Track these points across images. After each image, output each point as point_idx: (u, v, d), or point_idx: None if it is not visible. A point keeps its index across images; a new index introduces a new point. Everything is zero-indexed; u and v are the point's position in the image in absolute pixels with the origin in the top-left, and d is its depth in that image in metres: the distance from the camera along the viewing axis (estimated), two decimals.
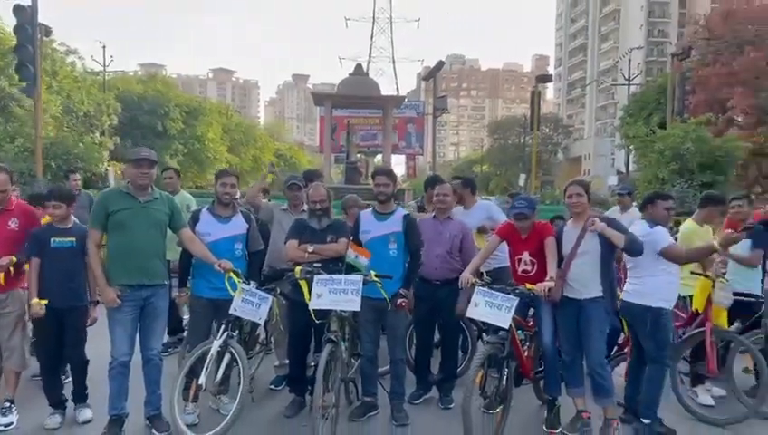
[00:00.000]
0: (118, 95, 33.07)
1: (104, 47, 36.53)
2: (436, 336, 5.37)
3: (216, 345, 4.22)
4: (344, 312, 4.34)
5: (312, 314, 4.26)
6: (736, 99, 26.79)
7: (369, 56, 76.70)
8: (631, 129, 21.90)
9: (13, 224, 4.43)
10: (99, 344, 4.55)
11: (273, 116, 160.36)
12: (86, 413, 4.57)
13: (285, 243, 4.78)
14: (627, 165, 35.95)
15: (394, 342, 4.76)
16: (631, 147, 19.32)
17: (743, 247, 5.24)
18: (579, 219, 4.48)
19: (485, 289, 4.25)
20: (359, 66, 20.25)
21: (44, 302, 4.28)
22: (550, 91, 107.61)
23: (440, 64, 25.81)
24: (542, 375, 4.79)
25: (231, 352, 4.26)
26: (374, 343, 4.76)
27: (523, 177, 46.98)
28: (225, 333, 4.27)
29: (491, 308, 4.17)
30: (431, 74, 24.59)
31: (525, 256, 4.59)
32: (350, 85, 18.34)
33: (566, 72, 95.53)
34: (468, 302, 4.34)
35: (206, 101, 46.15)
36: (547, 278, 4.26)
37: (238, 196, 4.83)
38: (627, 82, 37.37)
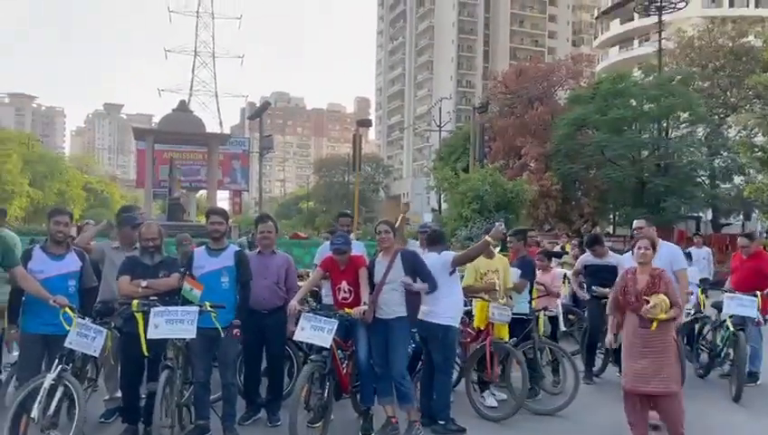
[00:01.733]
0: None
1: None
2: (264, 364, 5.89)
3: (49, 378, 4.36)
4: (179, 341, 4.71)
5: (144, 347, 4.57)
6: (528, 147, 30.67)
7: (191, 89, 74.90)
8: (440, 172, 24.24)
9: None
10: None
11: (80, 147, 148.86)
12: None
13: (117, 279, 5.04)
14: (439, 203, 39.10)
15: (225, 367, 5.21)
16: (443, 187, 21.33)
17: (514, 276, 6.49)
18: (387, 252, 5.34)
19: (311, 314, 4.91)
20: (182, 102, 20.11)
21: None
22: (372, 132, 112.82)
23: (266, 105, 26.46)
24: (358, 389, 5.51)
25: (65, 385, 4.41)
26: (207, 371, 5.15)
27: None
28: (59, 367, 4.43)
29: (315, 331, 4.84)
30: (257, 114, 25.09)
31: (344, 284, 5.33)
32: (173, 121, 18.14)
33: (386, 115, 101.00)
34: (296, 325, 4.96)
35: (4, 131, 42.00)
36: (362, 303, 5.03)
37: (72, 233, 5.00)
38: (438, 129, 40.84)
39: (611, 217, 31.54)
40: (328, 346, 4.84)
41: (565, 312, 8.25)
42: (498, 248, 6.93)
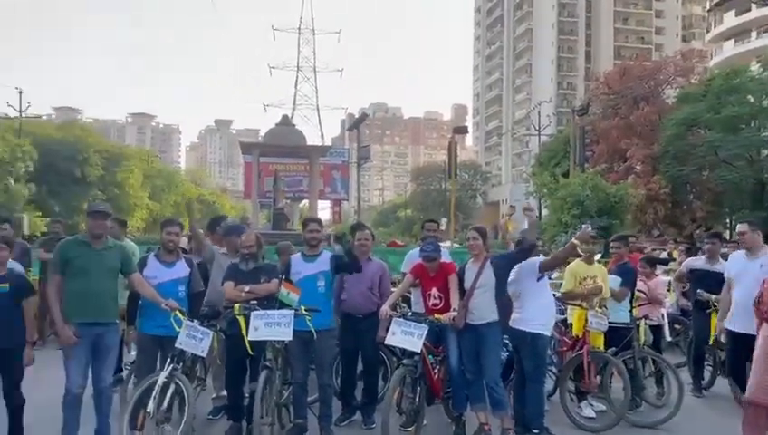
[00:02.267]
0: (34, 141, 32.31)
1: (21, 93, 35.68)
2: (360, 368, 6.07)
3: (162, 376, 4.73)
4: (277, 342, 4.97)
5: (249, 347, 4.87)
6: (633, 149, 29.37)
7: (294, 103, 77.79)
8: (539, 177, 23.74)
9: None
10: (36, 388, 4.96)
11: (194, 161, 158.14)
12: None
13: (222, 284, 5.39)
14: (540, 210, 38.27)
15: (321, 369, 5.42)
16: (542, 193, 20.90)
17: (614, 284, 6.28)
18: (477, 259, 5.35)
19: (401, 319, 5.02)
20: (285, 117, 21.00)
21: None
22: (469, 138, 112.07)
23: (363, 116, 27.10)
24: (450, 395, 5.55)
25: (176, 383, 4.78)
26: (304, 372, 5.39)
27: (444, 221, 48.84)
28: (171, 366, 4.80)
29: (405, 335, 4.93)
30: (355, 125, 25.74)
31: (434, 291, 5.40)
32: (277, 135, 18.99)
33: (483, 121, 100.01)
34: (387, 331, 5.09)
35: (127, 148, 45.53)
36: (452, 309, 5.07)
37: (182, 243, 5.42)
38: (537, 133, 39.97)
39: (727, 221, 29.48)
40: (418, 351, 4.92)
41: (671, 321, 7.88)
42: (600, 255, 6.75)
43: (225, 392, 5.65)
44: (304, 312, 4.95)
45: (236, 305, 4.95)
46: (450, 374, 5.39)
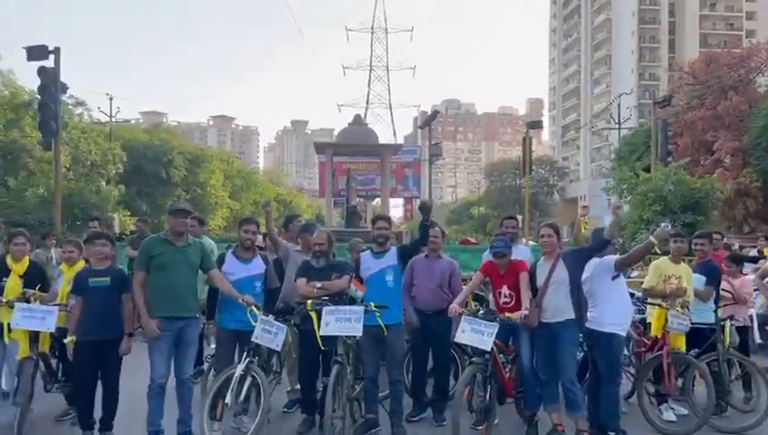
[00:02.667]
0: (123, 144, 34.07)
1: (111, 99, 37.76)
2: (430, 364, 6.08)
3: (239, 369, 4.93)
4: (348, 338, 5.07)
5: (320, 342, 4.99)
6: (721, 142, 27.86)
7: (367, 103, 78.73)
8: (619, 172, 22.88)
9: None
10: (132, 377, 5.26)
11: (272, 161, 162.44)
12: None
13: (295, 281, 5.54)
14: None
15: (392, 364, 5.49)
16: (622, 188, 20.16)
17: (698, 283, 6.00)
18: (549, 256, 5.25)
19: (471, 317, 5.00)
20: (358, 116, 21.33)
21: (72, 338, 4.92)
22: (545, 133, 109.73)
23: (435, 114, 26.98)
24: (522, 394, 5.47)
25: (252, 375, 4.96)
26: (375, 366, 5.47)
27: (519, 218, 47.91)
28: (248, 359, 4.99)
29: (475, 333, 4.91)
30: (426, 123, 25.70)
31: (504, 289, 5.34)
32: (350, 134, 19.31)
33: (560, 115, 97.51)
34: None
35: (208, 149, 47.28)
36: (523, 308, 5.01)
37: (258, 241, 5.61)
38: (617, 126, 38.58)
39: None
40: (488, 350, 4.89)
41: (761, 322, 7.45)
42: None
43: (298, 386, 5.81)
44: (374, 308, 5.02)
45: (309, 301, 5.07)
46: (522, 374, 5.32)
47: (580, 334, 5.30)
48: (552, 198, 67.10)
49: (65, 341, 5.02)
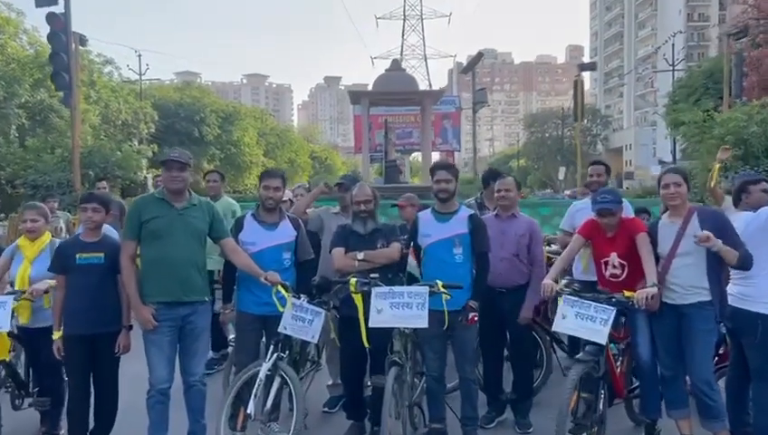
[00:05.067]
0: (154, 103, 33.22)
1: (140, 56, 36.83)
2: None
3: (264, 369, 3.74)
4: (407, 329, 3.80)
5: (365, 338, 3.74)
6: None
7: (402, 54, 76.11)
8: (684, 115, 20.74)
9: None
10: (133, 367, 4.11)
11: (306, 119, 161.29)
12: None
13: (330, 251, 4.27)
14: (673, 154, 34.57)
15: (463, 359, 4.17)
16: (680, 134, 18.22)
17: None
18: (677, 213, 3.85)
19: (575, 298, 3.65)
20: (395, 61, 19.67)
21: (59, 333, 3.81)
22: (586, 81, 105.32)
23: (479, 56, 25.16)
24: (636, 393, 4.17)
25: (281, 376, 3.77)
26: (441, 361, 4.19)
27: (562, 170, 45.79)
28: (275, 355, 3.78)
29: (582, 320, 3.58)
30: (470, 66, 23.94)
31: (613, 257, 3.97)
32: (387, 81, 17.75)
33: (602, 61, 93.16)
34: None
35: (241, 106, 46.30)
36: (648, 283, 3.64)
37: (286, 198, 4.31)
38: (671, 68, 35.93)
39: None
40: (603, 343, 3.56)
41: None
42: None
43: (341, 381, 4.61)
44: (442, 289, 3.72)
45: (352, 281, 3.79)
46: (640, 370, 3.99)
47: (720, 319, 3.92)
48: (595, 148, 64.25)
49: (53, 337, 3.88)
